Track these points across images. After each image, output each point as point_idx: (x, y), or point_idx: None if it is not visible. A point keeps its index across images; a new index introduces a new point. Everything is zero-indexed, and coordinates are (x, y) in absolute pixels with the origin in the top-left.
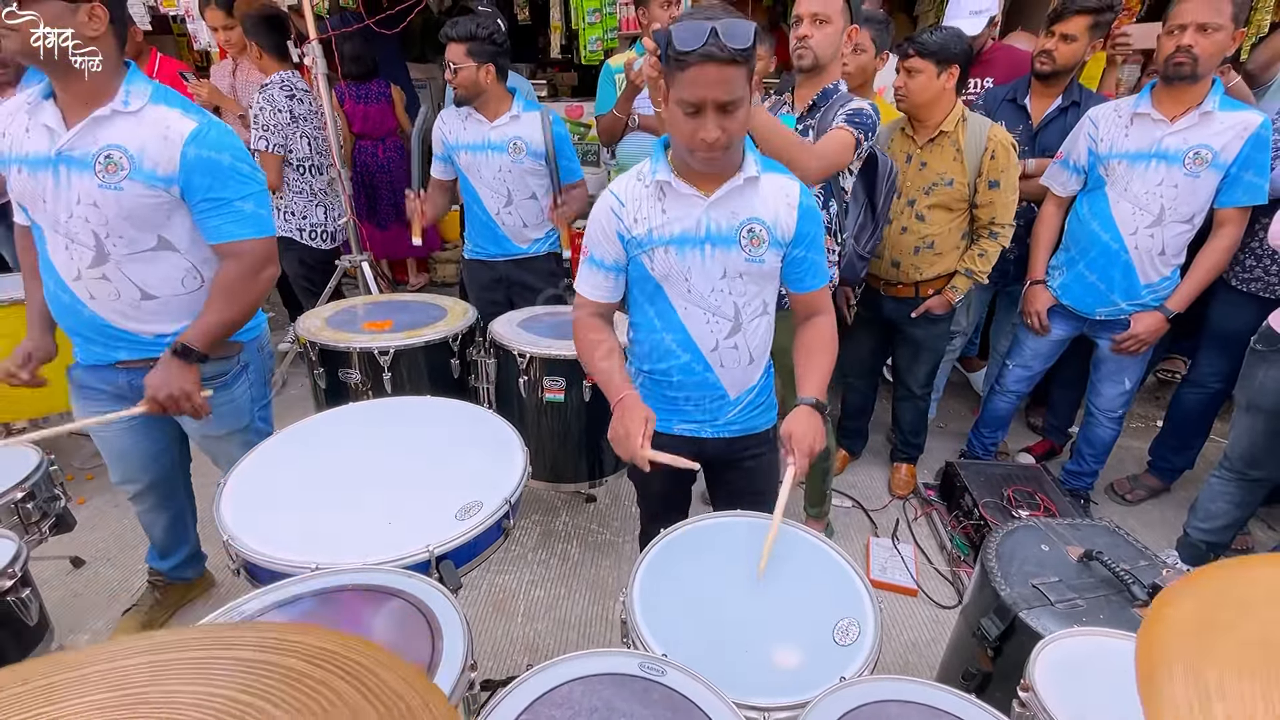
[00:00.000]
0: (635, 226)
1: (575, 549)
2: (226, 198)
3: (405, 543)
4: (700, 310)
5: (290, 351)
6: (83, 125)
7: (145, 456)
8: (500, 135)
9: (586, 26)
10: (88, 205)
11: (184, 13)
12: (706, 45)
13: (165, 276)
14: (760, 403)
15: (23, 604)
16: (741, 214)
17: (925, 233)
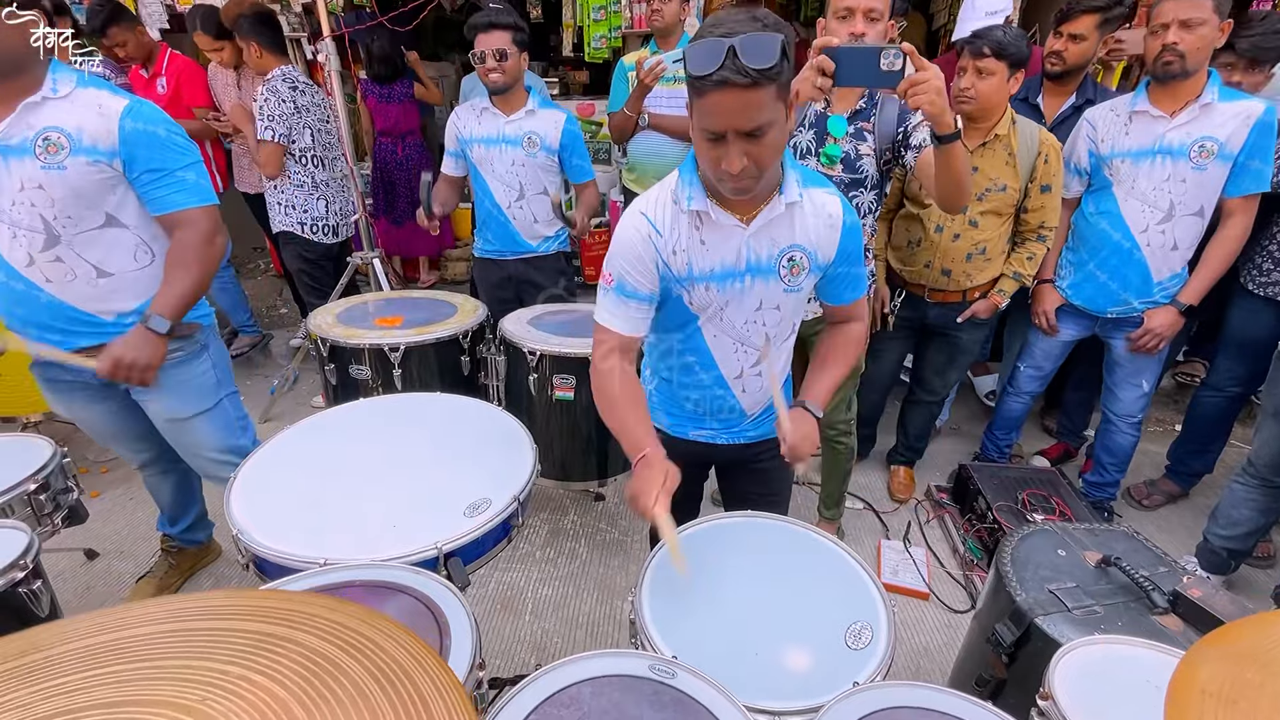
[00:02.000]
0: (674, 259)
1: (584, 548)
2: (168, 168)
3: (413, 539)
4: (730, 340)
5: (302, 347)
6: (15, 115)
7: (135, 434)
8: (516, 129)
9: (591, 24)
10: (32, 189)
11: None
12: (723, 69)
13: (117, 253)
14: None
15: (34, 595)
16: (782, 241)
17: (978, 239)
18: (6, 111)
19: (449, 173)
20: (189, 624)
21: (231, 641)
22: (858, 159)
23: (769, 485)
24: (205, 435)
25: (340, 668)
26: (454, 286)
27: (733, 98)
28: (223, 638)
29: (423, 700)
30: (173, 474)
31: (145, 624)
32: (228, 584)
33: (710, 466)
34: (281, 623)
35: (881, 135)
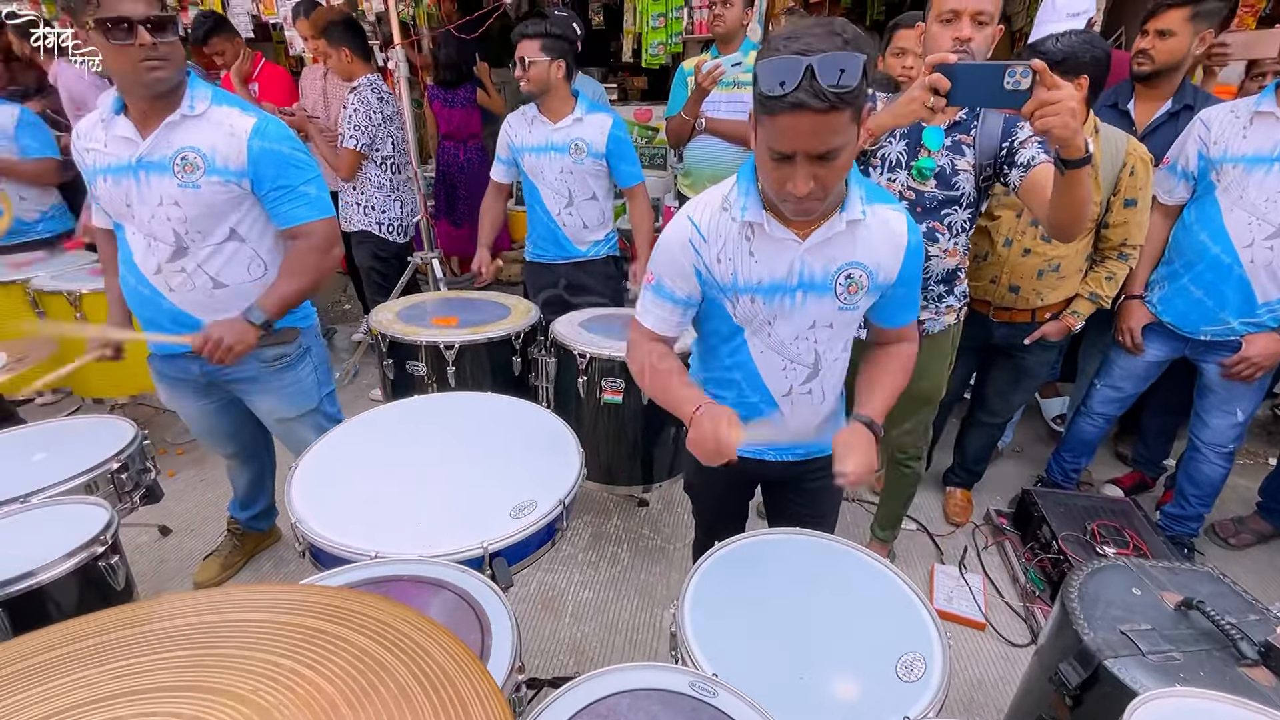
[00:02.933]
0: (717, 268)
1: (625, 553)
2: (292, 184)
3: (460, 538)
4: (778, 357)
5: (363, 342)
6: (157, 133)
7: (227, 433)
8: (563, 137)
9: (650, 31)
10: (169, 204)
11: (283, 20)
12: (799, 90)
13: (234, 266)
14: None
15: (111, 569)
16: (840, 259)
17: (1051, 255)
18: (150, 130)
19: (498, 179)
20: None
21: (286, 635)
22: (954, 174)
23: (817, 505)
24: (310, 435)
25: (385, 667)
26: (509, 287)
27: (807, 121)
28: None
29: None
30: (251, 467)
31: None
32: (286, 567)
33: (757, 483)
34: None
35: (983, 150)
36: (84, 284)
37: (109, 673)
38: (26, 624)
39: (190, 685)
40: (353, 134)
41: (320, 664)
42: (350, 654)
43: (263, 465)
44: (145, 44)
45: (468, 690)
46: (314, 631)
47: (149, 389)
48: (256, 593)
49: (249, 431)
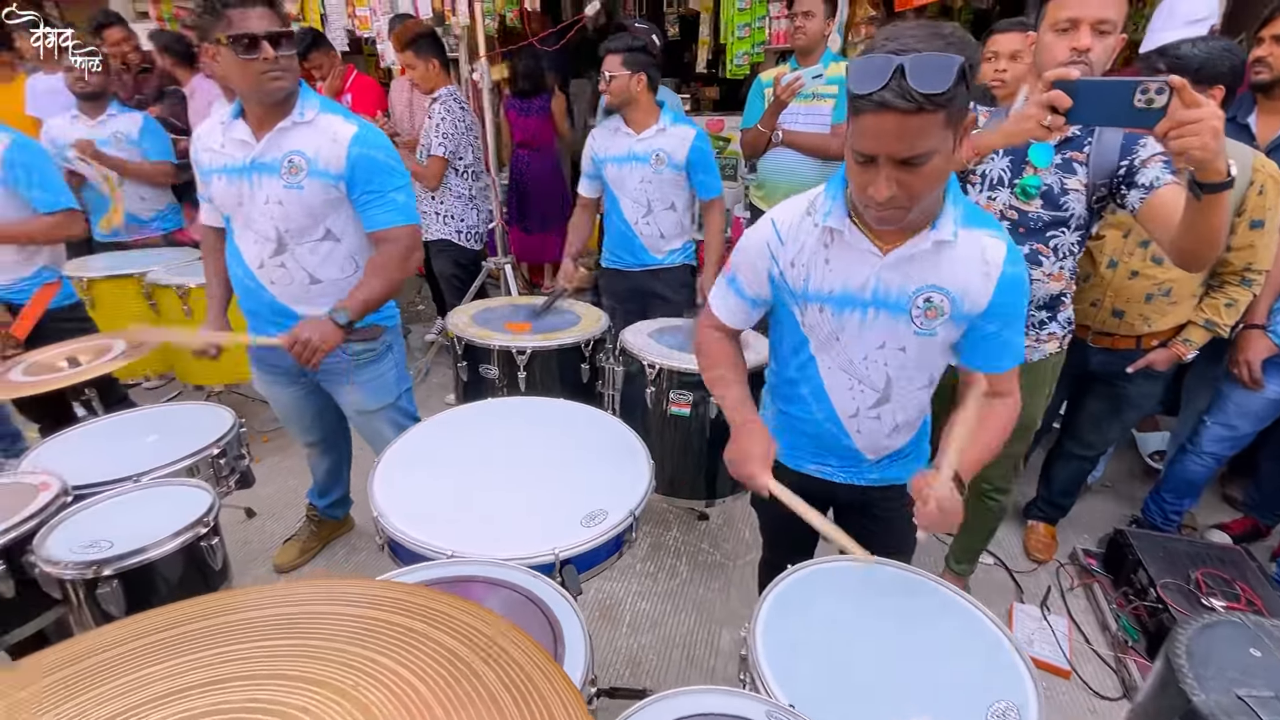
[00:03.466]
0: (791, 272)
1: (684, 566)
2: (383, 189)
3: (532, 543)
4: (845, 375)
5: (435, 343)
6: (270, 136)
7: (310, 416)
8: (645, 147)
9: (735, 41)
10: (274, 203)
11: (376, 34)
12: (885, 89)
13: (329, 263)
14: (907, 454)
15: (211, 550)
16: (918, 279)
17: (1162, 279)
18: (264, 134)
19: (584, 194)
20: (337, 609)
21: (376, 631)
22: (1062, 194)
23: (891, 535)
24: (387, 428)
25: (475, 672)
26: (576, 294)
27: (891, 122)
28: (368, 626)
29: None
30: (330, 457)
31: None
32: (357, 556)
33: (828, 505)
34: (422, 618)
35: (1097, 169)
36: (191, 279)
37: (214, 657)
38: (137, 594)
39: (291, 675)
40: (440, 142)
41: (413, 663)
42: (439, 654)
43: (340, 456)
44: (268, 58)
45: (555, 702)
46: (403, 629)
47: (244, 378)
48: (344, 586)
49: (330, 422)
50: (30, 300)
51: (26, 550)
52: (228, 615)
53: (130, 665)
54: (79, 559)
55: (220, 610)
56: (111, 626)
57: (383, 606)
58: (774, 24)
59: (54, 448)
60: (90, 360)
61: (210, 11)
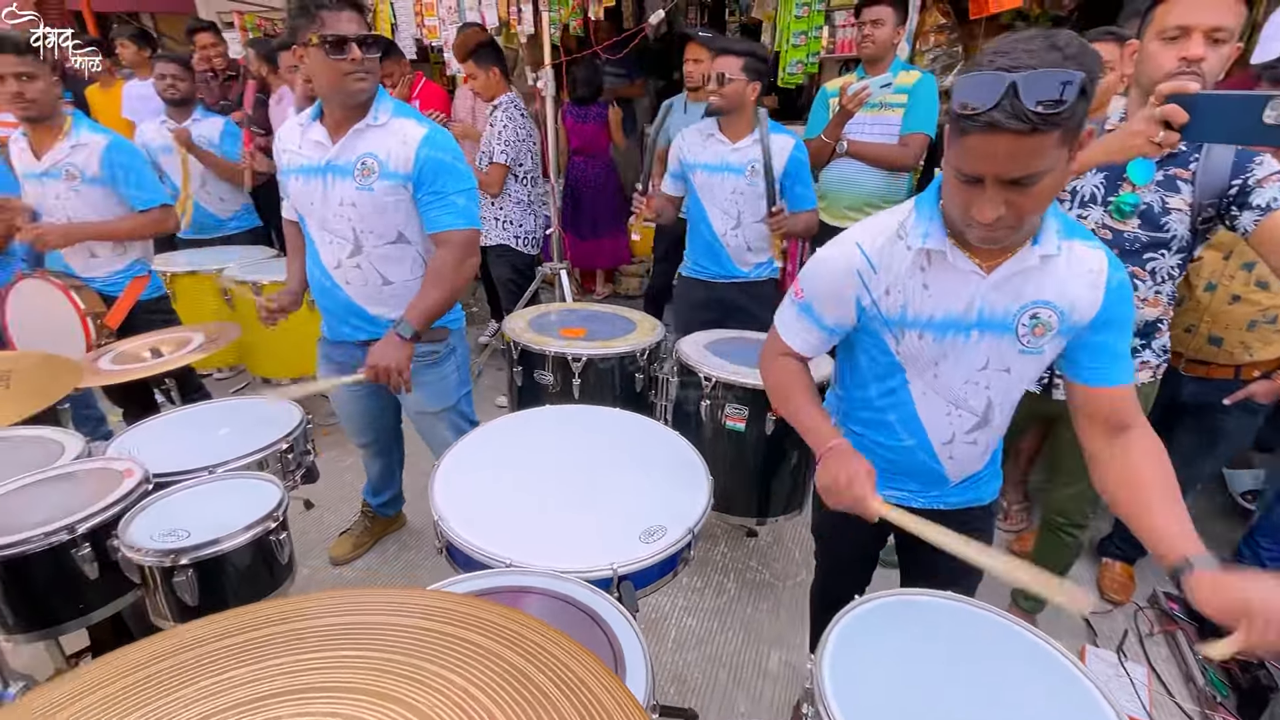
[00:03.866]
0: (886, 300)
1: (732, 583)
2: (446, 191)
3: (590, 555)
4: (942, 400)
5: (489, 345)
6: (345, 139)
7: (368, 417)
8: (740, 158)
9: (790, 49)
10: (347, 205)
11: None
12: (996, 109)
13: (400, 265)
14: (984, 475)
15: (279, 545)
16: (1027, 296)
17: (1267, 305)
18: (340, 136)
19: (669, 192)
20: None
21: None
22: (1163, 214)
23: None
24: (446, 430)
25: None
26: (626, 300)
27: (1003, 143)
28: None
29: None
30: (382, 458)
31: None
32: (408, 553)
33: (901, 531)
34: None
35: (1205, 187)
36: (264, 276)
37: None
38: (209, 583)
39: (369, 690)
40: (503, 149)
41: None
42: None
43: (392, 459)
44: (355, 59)
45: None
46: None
47: (309, 372)
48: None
49: (386, 425)
50: (123, 292)
51: (111, 534)
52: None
53: (211, 668)
54: (159, 546)
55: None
56: (192, 625)
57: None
58: (839, 32)
59: (136, 435)
60: (171, 351)
61: (304, 13)
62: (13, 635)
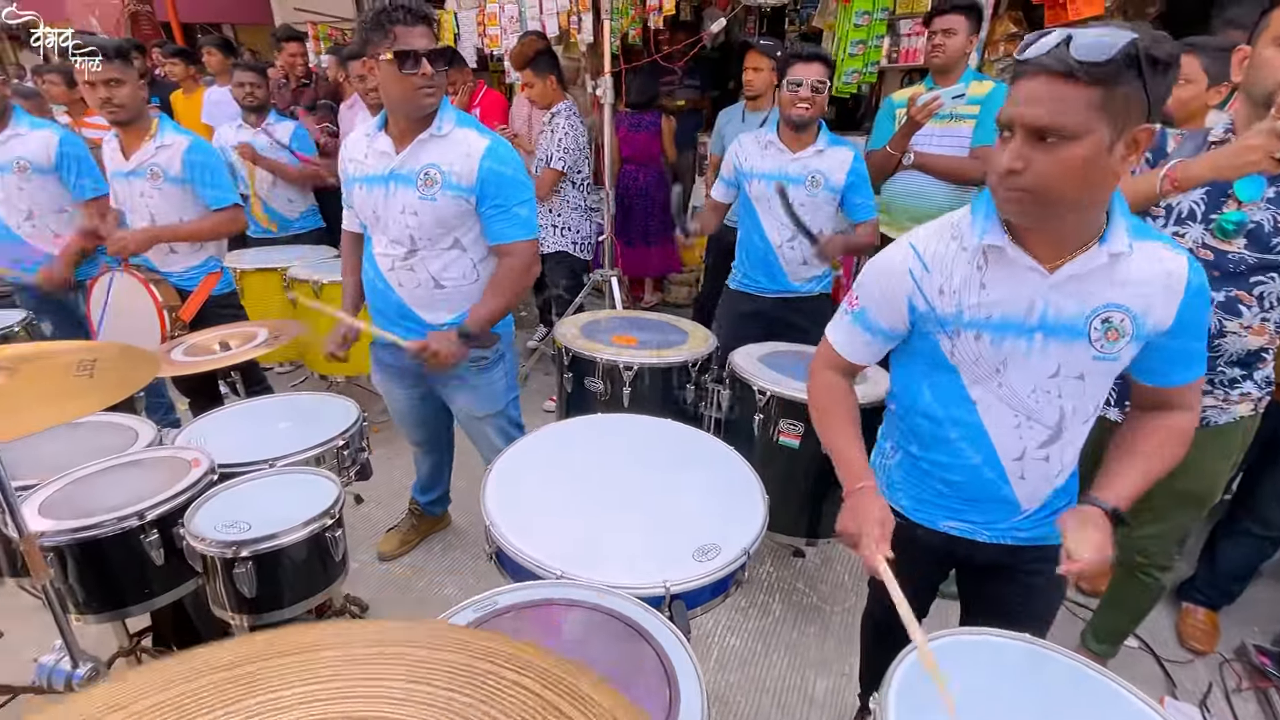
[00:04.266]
0: (940, 300)
1: (777, 604)
2: (508, 204)
3: (642, 571)
4: (1010, 411)
5: (537, 350)
6: (409, 149)
7: (420, 418)
8: (800, 168)
9: (846, 58)
10: (409, 213)
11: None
12: (1045, 55)
13: (453, 270)
14: (1060, 507)
15: (334, 541)
16: (1097, 298)
17: None
18: (404, 146)
19: (718, 198)
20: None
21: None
22: (1274, 234)
23: (1032, 603)
24: (494, 435)
25: None
26: (674, 309)
27: (1039, 85)
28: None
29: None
30: (432, 457)
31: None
32: (453, 553)
33: (962, 568)
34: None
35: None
36: (325, 275)
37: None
38: (266, 576)
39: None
40: (560, 156)
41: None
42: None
43: (442, 458)
44: (426, 74)
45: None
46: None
47: (364, 371)
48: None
49: (438, 426)
50: (197, 287)
51: (177, 522)
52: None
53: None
54: (222, 538)
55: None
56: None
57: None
58: (904, 41)
59: (203, 425)
60: (239, 345)
61: (378, 27)
62: (84, 615)
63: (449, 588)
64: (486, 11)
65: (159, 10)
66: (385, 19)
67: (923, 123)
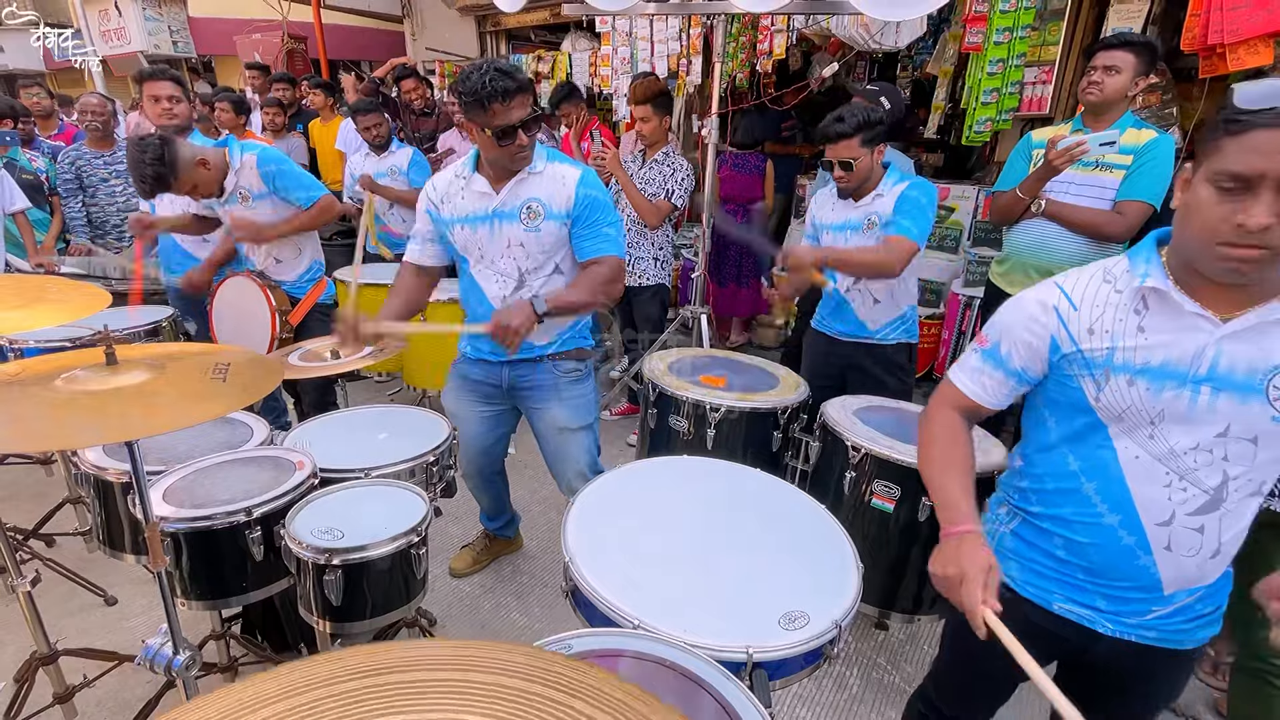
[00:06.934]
0: (1089, 339)
1: (855, 679)
2: (599, 224)
3: (724, 633)
4: (1162, 469)
5: (620, 380)
6: (508, 187)
7: (481, 445)
8: (861, 214)
9: (979, 106)
10: (515, 246)
11: (614, 91)
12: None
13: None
14: (1207, 613)
15: (418, 559)
16: (1277, 355)
17: None
18: (501, 185)
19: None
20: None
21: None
22: None
23: (1151, 703)
24: (580, 450)
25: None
26: (761, 351)
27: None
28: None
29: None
30: (488, 492)
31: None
32: (521, 577)
33: (1073, 662)
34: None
35: None
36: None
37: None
38: (351, 585)
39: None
40: (681, 195)
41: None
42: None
43: (498, 490)
44: (522, 144)
45: None
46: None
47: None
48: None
49: (494, 455)
50: (306, 295)
51: (279, 523)
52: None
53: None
54: (318, 543)
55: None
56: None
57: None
58: (1028, 90)
59: (309, 429)
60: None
61: (478, 105)
62: (188, 600)
63: (514, 613)
64: (600, 54)
65: (311, 49)
66: (486, 98)
67: (1061, 168)
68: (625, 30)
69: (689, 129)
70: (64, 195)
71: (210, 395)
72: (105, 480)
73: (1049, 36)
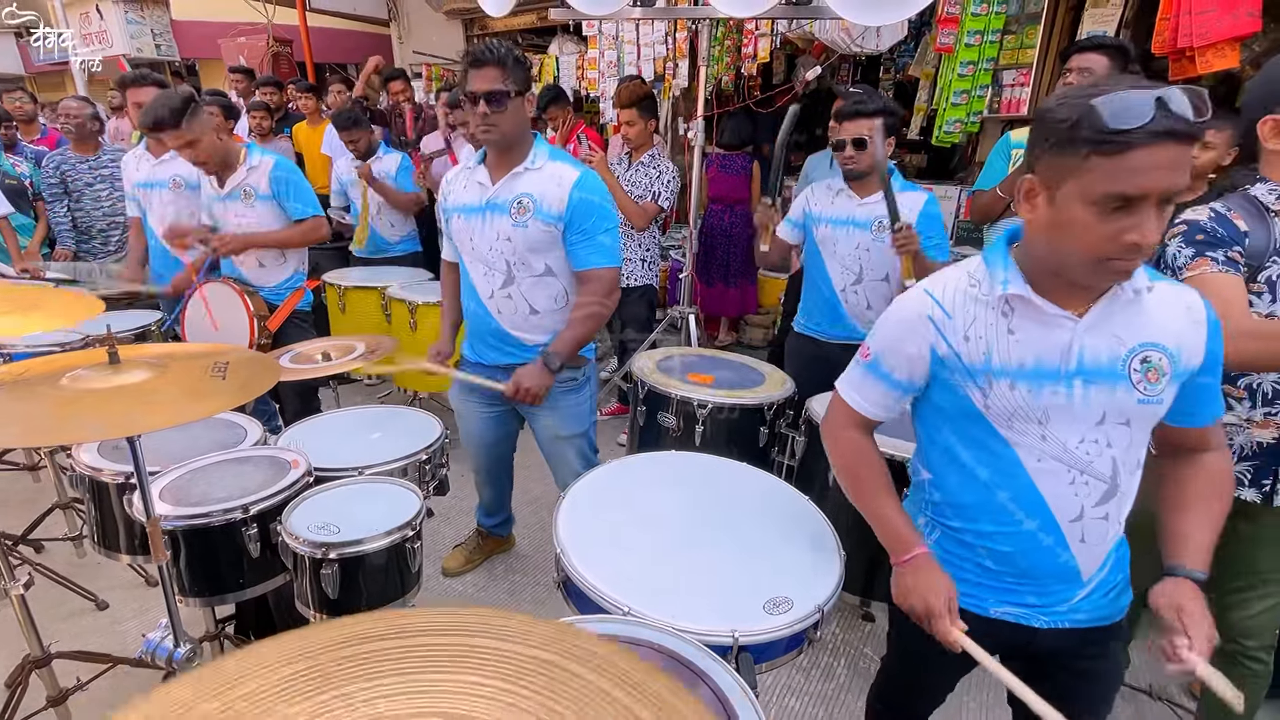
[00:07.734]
0: (965, 346)
1: (842, 668)
2: (593, 232)
3: (710, 618)
4: (1063, 467)
5: (611, 380)
6: (504, 180)
7: (490, 440)
8: (867, 213)
9: (949, 107)
10: (503, 240)
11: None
12: (1157, 119)
13: (545, 295)
14: (1117, 582)
15: (412, 552)
16: (1130, 338)
17: None
18: (499, 177)
19: (783, 238)
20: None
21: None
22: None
23: (1098, 691)
24: (574, 457)
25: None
26: (749, 350)
27: (1171, 153)
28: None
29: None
30: (492, 487)
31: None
32: (514, 575)
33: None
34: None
35: None
36: (419, 297)
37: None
38: (348, 579)
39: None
40: (668, 197)
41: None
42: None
43: (502, 487)
44: (482, 112)
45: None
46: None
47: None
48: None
49: (503, 449)
50: (284, 301)
51: (275, 519)
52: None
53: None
54: (314, 538)
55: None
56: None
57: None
58: (1006, 92)
59: (303, 429)
60: (339, 357)
61: (465, 68)
62: (187, 597)
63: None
64: (586, 57)
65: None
66: (470, 62)
67: None
68: (612, 34)
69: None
70: (49, 200)
71: (210, 393)
72: (100, 481)
73: (1026, 40)
